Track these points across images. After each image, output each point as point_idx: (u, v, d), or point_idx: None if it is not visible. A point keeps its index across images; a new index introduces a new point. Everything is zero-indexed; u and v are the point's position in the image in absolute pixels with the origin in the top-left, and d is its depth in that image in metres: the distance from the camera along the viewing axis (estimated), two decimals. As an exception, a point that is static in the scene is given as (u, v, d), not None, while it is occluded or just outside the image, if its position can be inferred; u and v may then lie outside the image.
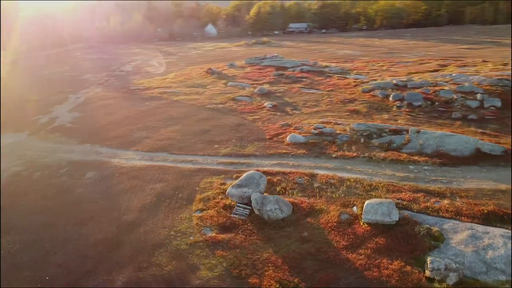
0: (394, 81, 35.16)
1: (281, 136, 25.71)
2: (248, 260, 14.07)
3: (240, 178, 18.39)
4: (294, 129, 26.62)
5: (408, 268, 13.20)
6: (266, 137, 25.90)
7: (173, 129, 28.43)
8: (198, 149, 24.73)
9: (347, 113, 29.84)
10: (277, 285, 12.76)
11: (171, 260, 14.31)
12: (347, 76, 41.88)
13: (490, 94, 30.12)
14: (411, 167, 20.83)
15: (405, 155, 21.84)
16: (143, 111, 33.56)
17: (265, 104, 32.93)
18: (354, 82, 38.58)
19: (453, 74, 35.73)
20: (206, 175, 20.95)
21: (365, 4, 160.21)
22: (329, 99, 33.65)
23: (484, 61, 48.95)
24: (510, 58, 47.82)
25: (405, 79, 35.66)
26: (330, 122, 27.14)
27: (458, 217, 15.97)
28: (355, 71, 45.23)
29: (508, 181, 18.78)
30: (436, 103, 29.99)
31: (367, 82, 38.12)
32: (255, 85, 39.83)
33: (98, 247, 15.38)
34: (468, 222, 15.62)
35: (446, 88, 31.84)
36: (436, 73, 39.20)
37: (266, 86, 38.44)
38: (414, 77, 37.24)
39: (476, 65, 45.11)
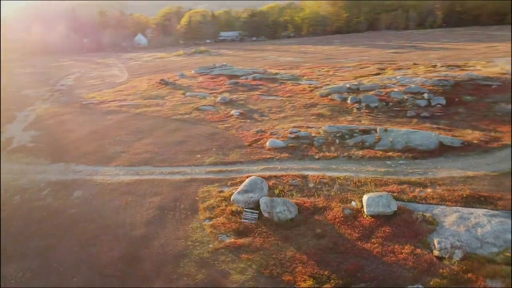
0: (348, 85, 37.77)
1: (260, 142, 26.61)
2: (275, 260, 14.79)
3: (243, 184, 19.01)
4: (270, 134, 27.66)
5: (418, 250, 14.82)
6: (245, 144, 26.63)
7: (147, 142, 28.05)
8: (181, 160, 24.78)
9: (314, 117, 31.61)
10: (311, 279, 13.65)
11: (200, 269, 14.55)
12: (300, 82, 43.99)
13: (434, 93, 33.73)
14: (388, 162, 22.90)
15: (380, 152, 23.92)
16: (108, 125, 32.53)
17: (232, 112, 33.64)
18: (309, 87, 40.71)
19: (398, 77, 39.32)
20: (200, 185, 21.21)
21: (292, 13, 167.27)
22: (292, 105, 35.28)
23: (414, 64, 54.13)
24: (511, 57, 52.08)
25: (356, 83, 38.46)
26: (302, 126, 28.62)
27: (443, 202, 18.08)
28: (305, 77, 47.58)
29: (472, 168, 21.53)
30: (390, 103, 32.89)
31: (321, 87, 40.44)
32: (214, 94, 40.35)
33: (117, 265, 15.10)
34: (453, 206, 17.76)
35: (396, 89, 35.01)
36: (381, 76, 42.71)
37: (226, 95, 39.13)
38: (363, 80, 40.23)
39: (409, 68, 49.81)
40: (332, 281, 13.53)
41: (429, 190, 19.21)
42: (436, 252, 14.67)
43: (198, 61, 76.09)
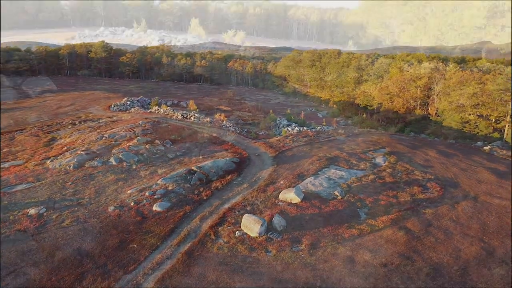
0: (84, 153, 37.78)
1: (147, 213, 26.57)
2: (330, 234, 23.85)
3: (256, 222, 23.66)
4: (135, 205, 27.61)
5: (337, 199, 28.72)
6: (141, 218, 25.93)
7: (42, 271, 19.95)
8: (134, 255, 21.80)
9: (121, 181, 32.20)
10: (354, 229, 24.58)
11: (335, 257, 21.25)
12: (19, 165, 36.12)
13: (156, 139, 42.45)
14: (235, 182, 32.52)
15: (222, 179, 32.59)
16: None
17: (32, 211, 26.62)
18: (40, 166, 35.67)
19: (106, 135, 43.03)
20: (203, 247, 22.39)
21: None
22: (84, 181, 31.91)
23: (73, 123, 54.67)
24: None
25: (84, 149, 38.88)
26: (145, 188, 30.25)
27: (293, 183, 31.87)
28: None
29: (265, 167, 35.87)
30: (145, 154, 38.53)
31: (45, 163, 36.79)
32: None
33: None
34: (300, 182, 32.00)
35: (131, 144, 40.25)
36: (74, 141, 43.61)
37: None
38: (89, 145, 40.50)
39: (76, 124, 51.34)
40: (357, 225, 25.18)
41: (281, 182, 32.17)
42: (339, 197, 29.25)
43: None
